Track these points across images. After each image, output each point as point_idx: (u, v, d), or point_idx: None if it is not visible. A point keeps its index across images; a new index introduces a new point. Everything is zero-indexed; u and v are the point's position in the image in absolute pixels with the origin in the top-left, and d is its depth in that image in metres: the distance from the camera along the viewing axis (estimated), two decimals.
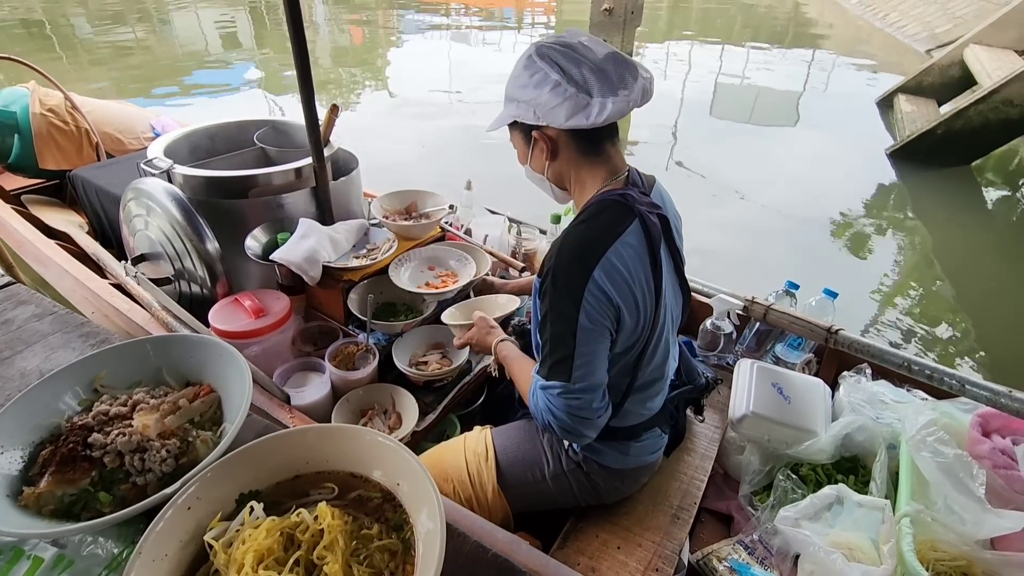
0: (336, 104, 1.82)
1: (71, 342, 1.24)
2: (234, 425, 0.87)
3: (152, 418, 0.91)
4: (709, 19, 14.81)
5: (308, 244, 1.65)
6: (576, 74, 1.06)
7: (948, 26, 9.51)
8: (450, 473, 1.40)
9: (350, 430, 0.85)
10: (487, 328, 1.47)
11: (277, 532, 0.71)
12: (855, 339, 1.64)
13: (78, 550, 0.76)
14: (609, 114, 1.05)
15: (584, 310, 1.05)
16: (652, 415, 1.34)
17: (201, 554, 0.73)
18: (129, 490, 0.84)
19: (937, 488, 1.20)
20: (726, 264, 3.79)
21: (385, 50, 10.49)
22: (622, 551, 1.34)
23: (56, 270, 1.99)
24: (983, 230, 4.76)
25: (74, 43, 9.87)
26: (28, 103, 2.50)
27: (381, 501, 0.80)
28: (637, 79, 1.08)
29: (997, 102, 5.06)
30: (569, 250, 1.08)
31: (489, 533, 1.08)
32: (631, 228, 1.10)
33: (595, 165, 1.18)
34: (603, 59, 1.07)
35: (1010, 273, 4.13)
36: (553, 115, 1.09)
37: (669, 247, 1.21)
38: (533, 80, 1.09)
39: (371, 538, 0.74)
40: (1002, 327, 3.54)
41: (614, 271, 1.06)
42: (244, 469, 0.80)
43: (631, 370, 1.21)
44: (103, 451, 0.86)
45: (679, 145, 6.03)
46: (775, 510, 1.37)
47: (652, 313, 1.14)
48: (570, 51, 1.08)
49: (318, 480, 0.83)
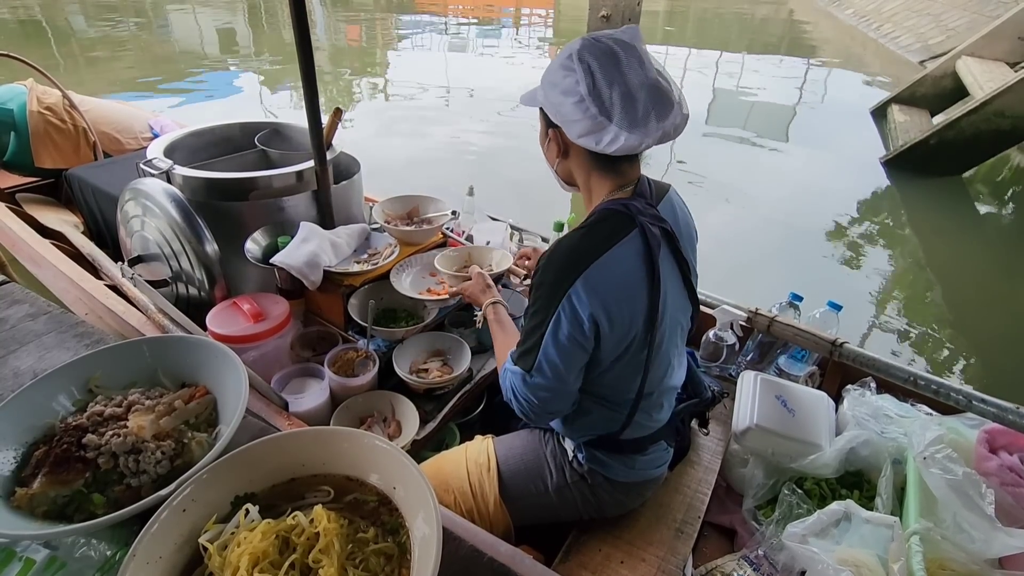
0: (340, 108, 1.80)
1: (65, 342, 1.23)
2: (230, 427, 0.87)
3: (147, 419, 0.90)
4: (705, 28, 14.91)
5: (309, 248, 1.63)
6: (605, 93, 1.02)
7: (941, 38, 9.62)
8: (451, 483, 1.37)
9: (346, 433, 0.84)
10: (484, 286, 1.49)
11: (272, 535, 0.71)
12: (860, 352, 1.63)
13: (71, 552, 0.76)
14: (620, 147, 1.03)
15: (559, 314, 1.07)
16: (658, 428, 1.32)
17: (196, 557, 0.72)
18: (123, 492, 0.83)
19: (946, 505, 1.19)
20: (721, 271, 3.80)
21: (384, 53, 10.51)
22: (625, 566, 1.32)
23: (50, 270, 1.96)
24: (974, 238, 4.82)
25: (70, 41, 9.82)
26: (25, 100, 2.48)
27: (377, 505, 0.80)
28: (665, 119, 1.03)
29: (989, 113, 5.13)
30: (559, 256, 1.09)
31: (491, 546, 1.06)
32: (628, 238, 1.09)
33: (605, 177, 1.17)
34: (639, 86, 1.01)
35: (1002, 281, 4.16)
36: (569, 126, 1.08)
37: (677, 258, 1.20)
38: (564, 83, 1.05)
39: (367, 542, 0.74)
40: (996, 337, 3.56)
41: (597, 283, 1.06)
42: (239, 471, 0.80)
43: (636, 381, 1.19)
44: (97, 452, 0.85)
45: (675, 153, 6.04)
46: (780, 525, 1.35)
47: (647, 322, 1.12)
48: (612, 62, 1.02)
49: (314, 483, 0.83)
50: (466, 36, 12.43)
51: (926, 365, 3.21)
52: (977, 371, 3.21)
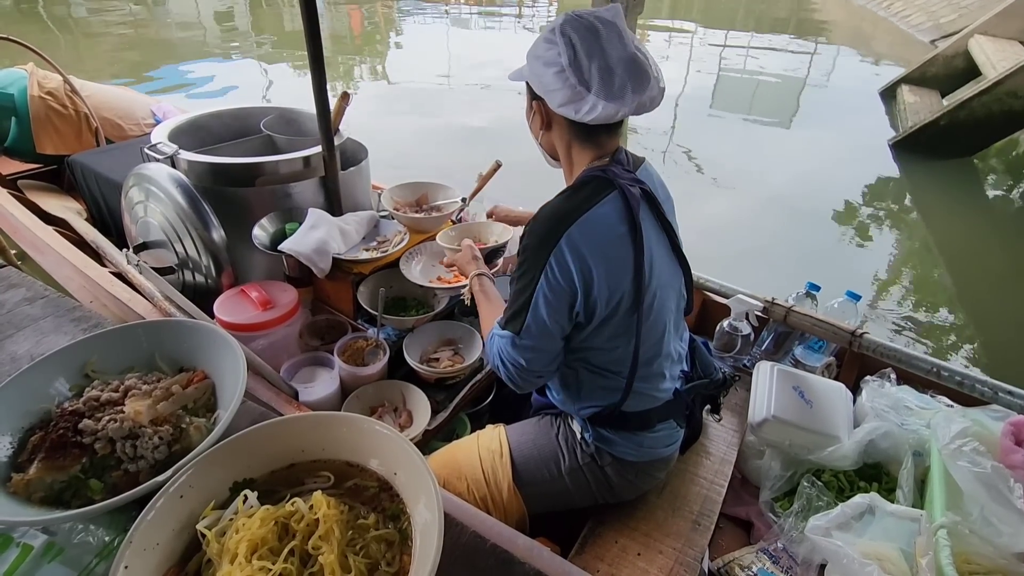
0: (347, 92, 1.76)
1: (62, 326, 1.21)
2: (228, 412, 0.86)
3: (144, 404, 0.89)
4: (712, 5, 14.70)
5: (318, 235, 1.60)
6: (584, 65, 1.07)
7: (953, 16, 9.46)
8: (464, 471, 1.36)
9: (346, 418, 0.83)
10: (470, 257, 1.50)
11: (271, 521, 0.70)
12: (880, 343, 1.60)
13: (68, 538, 0.76)
14: (598, 116, 1.08)
15: (545, 274, 1.10)
16: (664, 403, 1.30)
17: (194, 543, 0.72)
18: (120, 477, 0.83)
19: (972, 499, 1.16)
20: (727, 256, 3.78)
21: (386, 38, 10.39)
22: (642, 558, 1.29)
23: (53, 257, 1.93)
24: (984, 221, 4.77)
25: (68, 24, 9.72)
26: (26, 85, 2.43)
27: (378, 490, 0.79)
28: (641, 92, 1.09)
29: (1001, 93, 5.04)
30: (543, 218, 1.13)
31: (509, 540, 1.04)
32: (608, 198, 1.13)
33: (585, 148, 1.21)
34: (618, 60, 1.07)
35: (1013, 265, 4.11)
36: (550, 96, 1.12)
37: (660, 221, 1.23)
38: (546, 55, 1.10)
39: (367, 528, 0.73)
40: (1007, 321, 3.52)
41: (581, 238, 1.09)
42: (238, 457, 0.79)
43: (630, 345, 1.18)
44: (94, 437, 0.84)
45: (677, 136, 5.97)
46: (799, 517, 1.33)
47: (634, 279, 1.14)
48: (593, 37, 1.08)
49: (313, 469, 0.82)
50: (469, 17, 12.27)
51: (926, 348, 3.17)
52: (991, 358, 3.16)
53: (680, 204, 1.36)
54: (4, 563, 0.71)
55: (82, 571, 0.74)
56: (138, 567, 0.66)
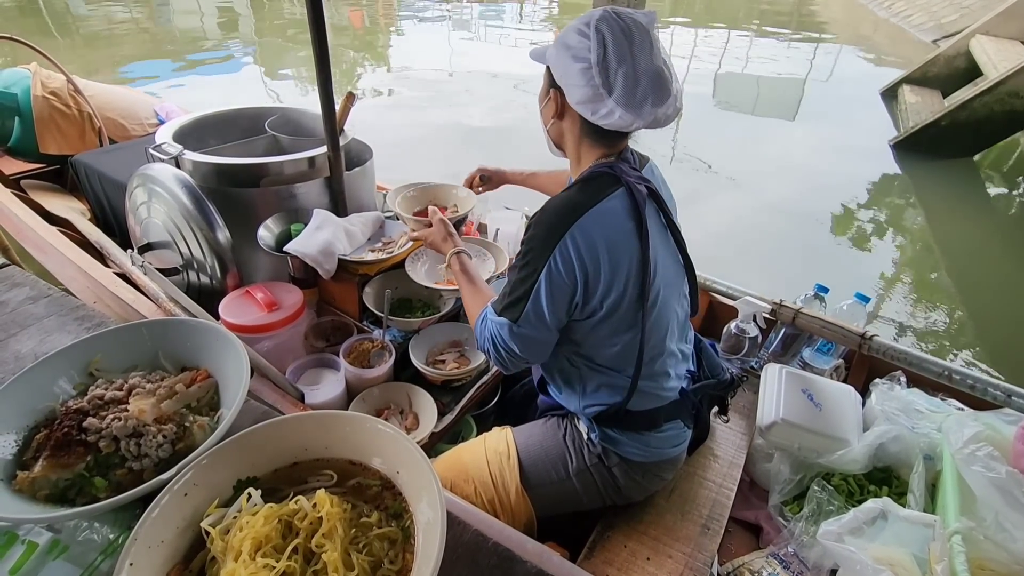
0: (352, 92, 1.75)
1: (66, 325, 1.21)
2: (231, 411, 0.86)
3: (148, 403, 0.90)
4: (713, 4, 14.68)
5: (323, 236, 1.59)
6: (612, 67, 1.06)
7: (954, 16, 9.42)
8: (471, 474, 1.34)
9: (349, 417, 0.84)
10: (445, 234, 1.47)
11: (275, 519, 0.71)
12: (890, 346, 1.59)
13: (73, 535, 0.76)
14: (613, 122, 1.08)
15: (549, 265, 1.09)
16: (670, 402, 1.29)
17: (198, 540, 0.73)
18: (125, 475, 0.83)
19: (986, 504, 1.15)
20: (731, 256, 3.77)
21: (387, 37, 10.37)
22: (652, 562, 1.28)
23: (57, 258, 1.92)
24: (986, 221, 4.75)
25: (68, 23, 9.71)
26: (29, 85, 2.42)
27: (380, 489, 0.79)
28: (659, 107, 1.08)
29: (1003, 94, 5.03)
30: (552, 210, 1.13)
31: (518, 544, 1.03)
32: (616, 194, 1.13)
33: (595, 145, 1.20)
34: (645, 70, 1.06)
35: (1018, 266, 4.10)
36: (569, 90, 1.11)
37: (665, 219, 1.23)
38: (576, 47, 1.08)
39: (370, 526, 0.73)
40: (1015, 322, 3.50)
41: (589, 230, 1.09)
42: (242, 455, 0.80)
43: (635, 342, 1.18)
44: (98, 436, 0.85)
45: (681, 135, 5.95)
46: (810, 521, 1.32)
47: (639, 274, 1.13)
48: (627, 41, 1.06)
49: (316, 467, 0.83)
50: (470, 16, 12.26)
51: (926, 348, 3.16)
52: (1000, 361, 3.14)
53: (683, 204, 1.36)
54: (9, 560, 0.72)
55: (86, 568, 0.74)
56: (143, 564, 0.66)
